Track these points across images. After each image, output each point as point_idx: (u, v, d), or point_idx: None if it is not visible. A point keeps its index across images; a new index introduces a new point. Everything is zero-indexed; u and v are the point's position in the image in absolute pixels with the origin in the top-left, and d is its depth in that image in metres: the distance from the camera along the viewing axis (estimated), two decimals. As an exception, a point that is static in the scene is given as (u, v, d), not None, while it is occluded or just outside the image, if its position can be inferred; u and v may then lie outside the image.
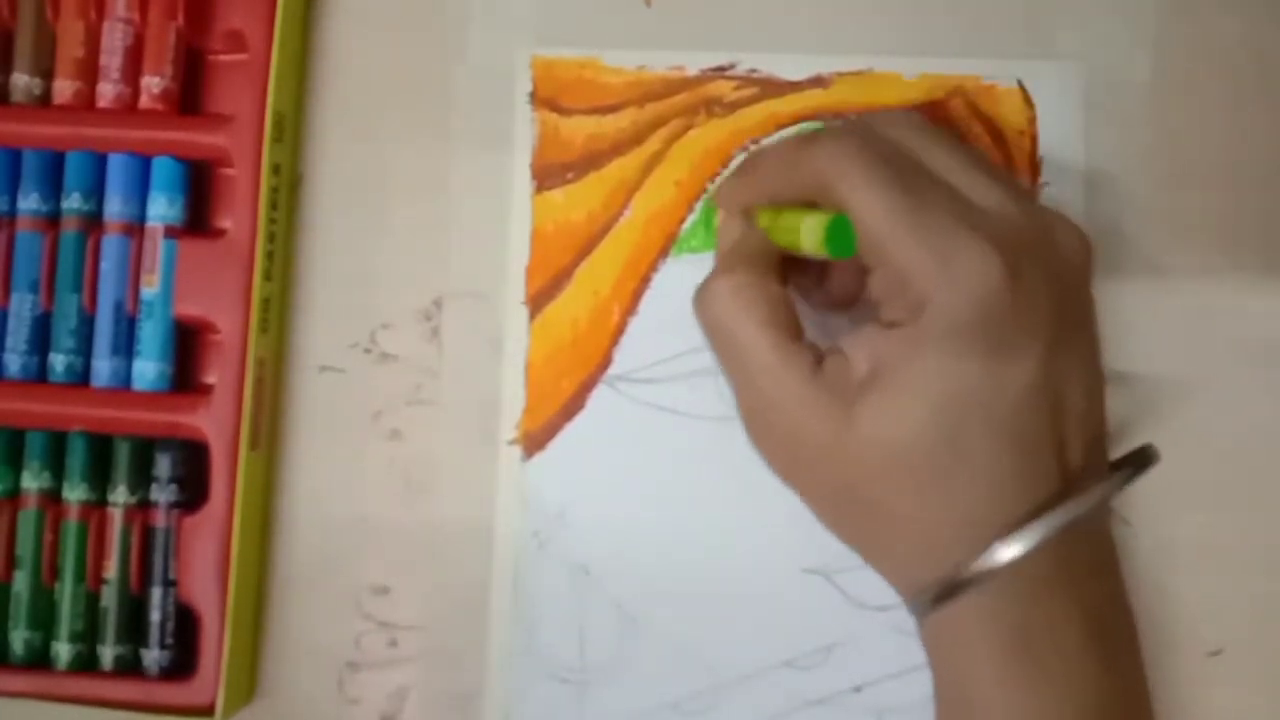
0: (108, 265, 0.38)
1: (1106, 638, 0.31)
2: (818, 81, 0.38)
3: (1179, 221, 0.38)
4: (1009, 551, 0.29)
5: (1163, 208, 0.38)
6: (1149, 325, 0.38)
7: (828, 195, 0.31)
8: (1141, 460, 0.32)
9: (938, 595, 0.30)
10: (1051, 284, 0.30)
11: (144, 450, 0.38)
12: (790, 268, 0.34)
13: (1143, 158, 0.38)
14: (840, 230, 0.31)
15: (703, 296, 0.33)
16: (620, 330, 0.38)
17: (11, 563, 0.37)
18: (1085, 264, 0.32)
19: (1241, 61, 0.38)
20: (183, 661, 0.37)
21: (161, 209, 0.38)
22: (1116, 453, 0.33)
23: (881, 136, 0.32)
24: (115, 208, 0.38)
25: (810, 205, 0.32)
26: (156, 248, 0.38)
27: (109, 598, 0.37)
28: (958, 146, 0.32)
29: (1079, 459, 0.31)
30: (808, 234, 0.31)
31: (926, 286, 0.29)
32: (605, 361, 0.38)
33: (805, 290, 0.36)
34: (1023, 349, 0.30)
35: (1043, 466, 0.30)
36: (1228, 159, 0.38)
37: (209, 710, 0.36)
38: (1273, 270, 0.38)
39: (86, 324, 0.38)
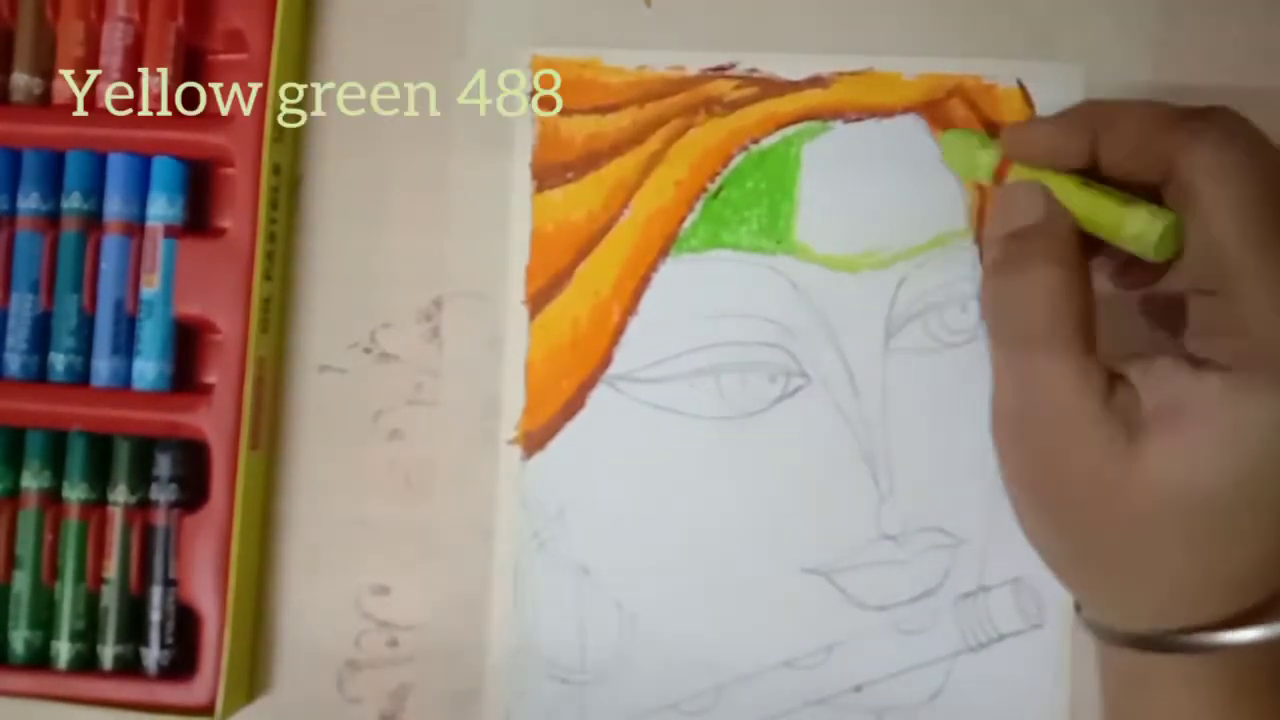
0: (108, 265, 0.38)
1: None
2: (818, 81, 0.38)
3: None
4: (1271, 631, 0.27)
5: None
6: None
7: (1179, 190, 0.29)
8: None
9: (1153, 644, 0.29)
10: None
11: (144, 450, 0.38)
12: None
13: (1143, 158, 0.38)
14: (1178, 236, 0.28)
15: (1014, 286, 0.30)
16: (620, 330, 0.38)
17: (11, 563, 0.37)
18: None
19: (1241, 61, 0.38)
20: (183, 661, 0.37)
21: (161, 209, 0.38)
22: None
23: (1265, 152, 0.29)
24: (115, 208, 0.38)
25: (1122, 185, 0.30)
26: (156, 247, 0.38)
27: (109, 597, 0.37)
28: None
29: None
30: (1135, 231, 0.29)
31: (1275, 341, 0.27)
32: (605, 361, 0.38)
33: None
34: None
35: None
36: (1228, 159, 0.38)
37: (209, 710, 0.36)
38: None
39: (86, 324, 0.38)
